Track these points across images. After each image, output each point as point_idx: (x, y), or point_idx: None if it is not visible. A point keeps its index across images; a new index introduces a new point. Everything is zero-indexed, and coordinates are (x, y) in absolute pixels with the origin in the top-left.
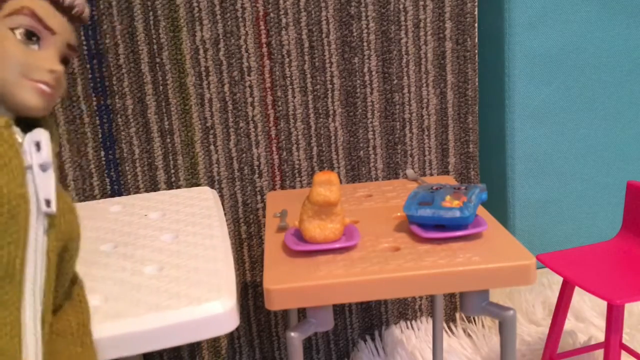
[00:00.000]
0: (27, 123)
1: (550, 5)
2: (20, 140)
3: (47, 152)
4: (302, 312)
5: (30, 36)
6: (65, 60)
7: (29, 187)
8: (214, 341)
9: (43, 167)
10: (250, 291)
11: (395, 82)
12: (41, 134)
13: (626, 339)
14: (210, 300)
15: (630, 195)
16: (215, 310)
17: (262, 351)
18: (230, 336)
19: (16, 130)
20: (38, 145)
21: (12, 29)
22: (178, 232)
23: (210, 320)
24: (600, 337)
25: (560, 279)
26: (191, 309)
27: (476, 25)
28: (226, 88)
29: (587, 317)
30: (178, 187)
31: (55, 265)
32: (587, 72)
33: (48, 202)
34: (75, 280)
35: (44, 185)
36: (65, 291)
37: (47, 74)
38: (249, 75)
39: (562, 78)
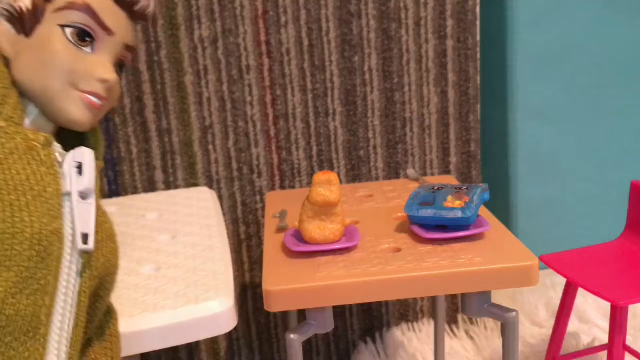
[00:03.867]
0: (69, 134)
1: (553, 2)
2: (60, 159)
3: (89, 178)
4: (301, 314)
5: (84, 37)
6: (120, 65)
7: (65, 220)
8: (213, 343)
9: (84, 195)
10: (249, 292)
11: (395, 80)
12: (84, 155)
13: (630, 341)
14: (207, 300)
15: (635, 196)
16: (213, 310)
17: (262, 353)
18: (229, 338)
19: (56, 147)
20: (80, 168)
21: (63, 27)
22: (176, 232)
23: (208, 320)
24: (604, 338)
25: (563, 280)
26: (189, 308)
27: (478, 23)
28: (225, 87)
29: (591, 318)
30: (176, 187)
31: (86, 308)
32: (591, 71)
33: (85, 238)
34: (108, 312)
35: (82, 217)
36: (96, 325)
37: (97, 84)
38: (247, 74)
39: (566, 76)
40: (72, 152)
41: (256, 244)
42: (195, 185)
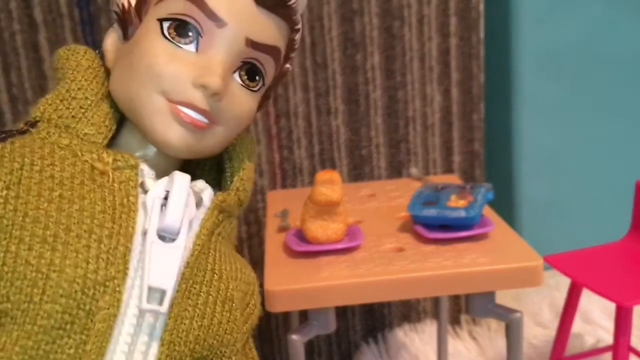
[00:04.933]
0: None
1: (558, 1)
2: (148, 186)
3: (176, 212)
4: (303, 314)
5: (184, 31)
6: (250, 69)
7: (130, 266)
8: None
9: (165, 236)
10: None
11: (398, 79)
12: (174, 182)
13: (635, 342)
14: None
15: None
16: None
17: (263, 354)
18: None
19: (146, 173)
20: (166, 199)
21: (160, 21)
22: None
23: None
24: (609, 339)
25: (567, 281)
26: None
27: (482, 20)
28: None
29: (595, 319)
30: None
31: None
32: (596, 69)
33: (161, 295)
34: None
35: (156, 266)
36: None
37: (194, 92)
38: None
39: (570, 75)
40: (164, 179)
41: (257, 244)
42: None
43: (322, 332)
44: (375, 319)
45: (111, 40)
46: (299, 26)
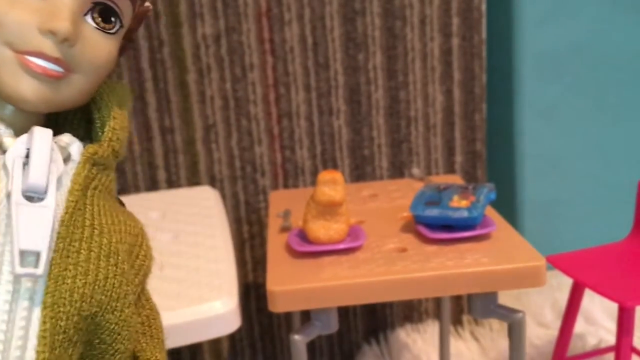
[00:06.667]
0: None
1: (560, 1)
2: (7, 146)
3: (39, 171)
4: (305, 315)
5: None
6: (103, 10)
7: None
8: (215, 344)
9: (31, 196)
10: (252, 293)
11: (400, 79)
12: (34, 139)
13: (637, 342)
14: (211, 300)
15: None
16: (217, 311)
17: (265, 354)
18: (232, 339)
19: (3, 133)
20: (27, 157)
21: None
22: (178, 232)
23: (212, 321)
24: (611, 340)
25: (570, 281)
26: (192, 309)
27: (484, 21)
28: (228, 85)
29: (598, 319)
30: (179, 186)
31: None
32: (598, 70)
33: (35, 257)
34: None
35: (26, 228)
36: None
37: (42, 40)
38: (251, 72)
39: (572, 76)
40: (23, 137)
41: (259, 244)
42: (198, 184)
43: (324, 332)
44: (377, 319)
45: None
46: None
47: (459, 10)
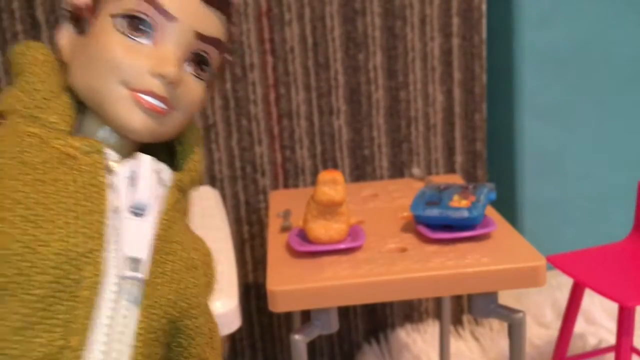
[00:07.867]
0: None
1: (560, 1)
2: (116, 169)
3: (144, 190)
4: (305, 314)
5: (138, 25)
6: (199, 59)
7: (109, 240)
8: None
9: (137, 211)
10: (252, 292)
11: (400, 79)
12: (140, 163)
13: (637, 342)
14: (211, 300)
15: None
16: (217, 310)
17: (265, 354)
18: (232, 339)
19: (111, 156)
20: (134, 179)
21: (113, 17)
22: None
23: None
24: (611, 340)
25: (570, 281)
26: None
27: (484, 21)
28: (228, 85)
29: (598, 319)
30: None
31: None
32: (598, 70)
33: (135, 263)
34: None
35: (131, 238)
36: None
37: (152, 80)
38: (251, 72)
39: (572, 75)
40: (130, 161)
41: (259, 244)
42: None
43: (324, 332)
44: (377, 319)
45: (65, 35)
46: (234, 18)
47: (459, 10)
